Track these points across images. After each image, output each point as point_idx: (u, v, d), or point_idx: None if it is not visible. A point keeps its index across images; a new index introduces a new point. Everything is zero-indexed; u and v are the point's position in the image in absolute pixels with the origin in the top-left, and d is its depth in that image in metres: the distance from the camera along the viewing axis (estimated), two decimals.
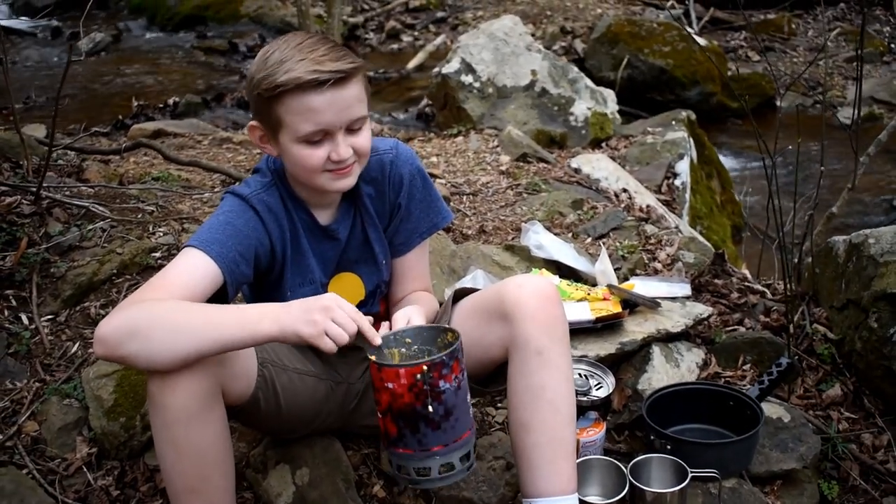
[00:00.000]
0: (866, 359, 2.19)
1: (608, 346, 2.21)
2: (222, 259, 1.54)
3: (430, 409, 1.45)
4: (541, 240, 2.72)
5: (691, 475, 1.82)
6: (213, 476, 1.54)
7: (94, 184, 2.90)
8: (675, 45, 6.21)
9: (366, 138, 1.63)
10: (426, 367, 1.43)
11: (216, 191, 3.07)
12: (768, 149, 2.31)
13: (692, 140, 4.30)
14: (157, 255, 2.48)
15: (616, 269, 2.62)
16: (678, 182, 3.94)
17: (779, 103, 3.64)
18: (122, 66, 6.87)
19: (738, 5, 7.62)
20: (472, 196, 3.29)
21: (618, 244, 2.87)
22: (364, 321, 1.46)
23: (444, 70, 4.51)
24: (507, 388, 1.67)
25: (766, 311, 2.55)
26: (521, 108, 4.38)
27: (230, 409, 1.58)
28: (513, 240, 2.87)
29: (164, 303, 1.45)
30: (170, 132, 4.20)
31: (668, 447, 1.91)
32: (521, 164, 3.67)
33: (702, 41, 6.26)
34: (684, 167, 4.01)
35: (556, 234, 2.90)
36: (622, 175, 3.66)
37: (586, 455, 1.90)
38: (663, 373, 2.21)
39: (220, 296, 1.56)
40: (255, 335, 1.44)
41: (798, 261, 2.53)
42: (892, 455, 2.11)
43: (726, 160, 5.29)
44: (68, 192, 2.75)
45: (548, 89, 4.46)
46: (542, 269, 2.59)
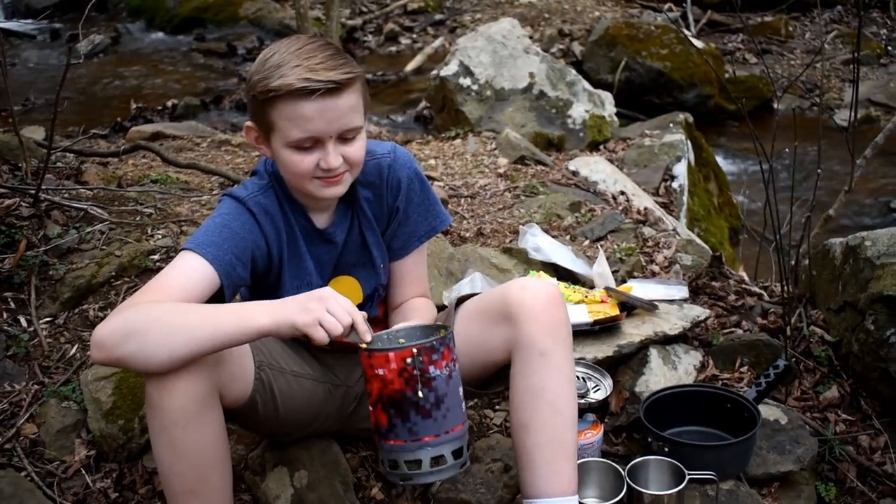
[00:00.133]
0: (863, 361, 2.19)
1: (606, 349, 2.22)
2: (218, 262, 1.55)
3: (420, 394, 1.46)
4: (538, 242, 2.72)
5: (689, 477, 1.82)
6: (211, 478, 1.54)
7: (92, 186, 2.91)
8: (673, 47, 6.22)
9: (358, 148, 1.62)
10: (416, 351, 1.45)
11: (215, 193, 3.08)
12: (765, 151, 2.31)
13: (690, 142, 4.30)
14: (156, 257, 2.48)
15: (613, 272, 2.62)
16: (676, 184, 3.94)
17: (776, 106, 3.64)
18: (121, 68, 6.87)
19: (735, 8, 7.64)
20: (469, 199, 3.29)
21: (615, 247, 2.87)
22: (358, 316, 1.47)
23: (442, 73, 4.52)
24: (509, 388, 1.67)
25: (764, 314, 2.56)
26: (518, 110, 4.38)
27: (228, 411, 1.59)
28: (510, 242, 2.87)
29: (159, 304, 1.45)
30: (168, 134, 4.20)
31: (666, 449, 1.92)
32: (519, 166, 3.67)
33: (699, 44, 6.27)
34: (682, 170, 4.01)
35: (554, 236, 2.90)
36: (620, 177, 3.66)
37: (584, 457, 1.91)
38: (661, 375, 2.21)
39: (217, 299, 1.56)
40: (249, 327, 1.44)
41: (795, 263, 2.54)
42: (890, 457, 2.11)
43: (723, 162, 5.30)
44: (67, 195, 2.75)
45: (546, 92, 4.46)
46: (540, 272, 2.59)
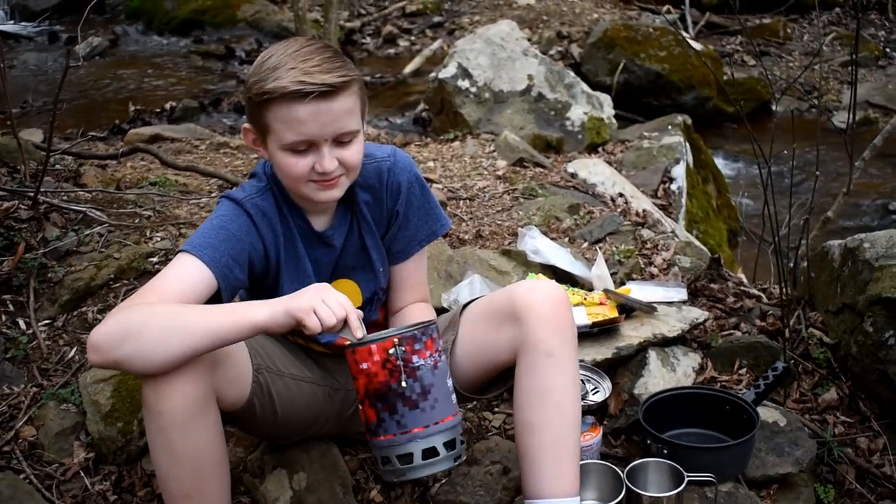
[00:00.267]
0: (862, 363, 2.20)
1: (605, 351, 2.22)
2: (215, 264, 1.54)
3: (405, 384, 1.46)
4: (537, 244, 2.72)
5: (688, 479, 1.82)
6: (209, 481, 1.54)
7: (91, 188, 2.90)
8: (671, 49, 6.22)
9: (355, 152, 1.61)
10: (397, 340, 1.45)
11: (213, 195, 3.07)
12: (764, 153, 2.31)
13: (688, 144, 4.30)
14: (155, 259, 2.48)
15: (612, 274, 2.62)
16: (674, 186, 3.94)
17: (774, 108, 3.65)
18: (119, 70, 6.86)
19: (733, 10, 7.65)
20: (468, 201, 3.29)
21: (614, 249, 2.87)
22: (353, 312, 1.47)
23: (441, 75, 4.52)
24: (514, 389, 1.67)
25: (762, 316, 2.56)
26: (517, 112, 4.38)
27: (227, 414, 1.59)
28: (509, 244, 2.87)
29: (155, 306, 1.45)
30: (167, 137, 4.20)
31: (665, 451, 1.92)
32: (518, 168, 3.67)
33: (698, 46, 6.27)
34: (680, 172, 4.01)
35: (553, 238, 2.90)
36: (618, 180, 3.66)
37: (583, 459, 1.90)
38: (659, 377, 2.21)
39: (215, 302, 1.56)
40: (245, 322, 1.44)
41: (794, 265, 2.54)
42: (888, 458, 2.12)
43: (722, 164, 5.30)
44: (65, 197, 2.75)
45: (544, 94, 4.46)
46: (539, 274, 2.59)
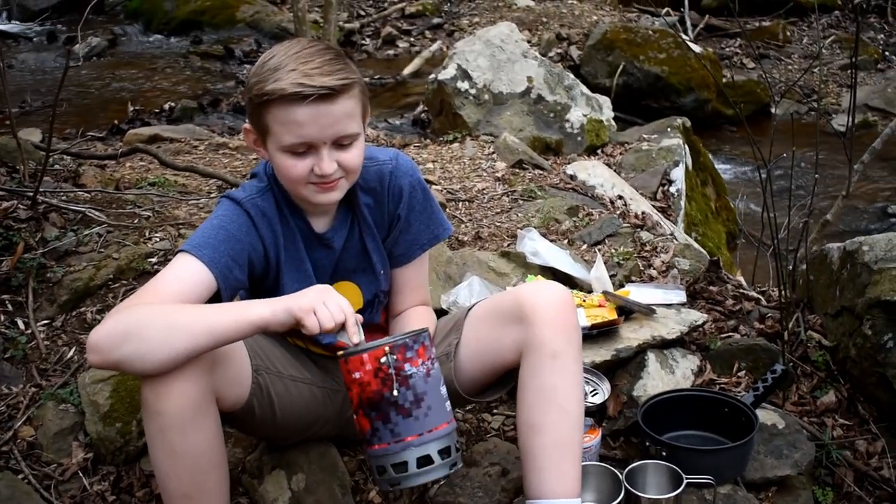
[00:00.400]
0: (860, 366, 2.20)
1: (604, 353, 2.22)
2: (215, 264, 1.54)
3: (397, 392, 1.45)
4: (536, 246, 2.72)
5: (686, 481, 1.82)
6: (208, 482, 1.54)
7: (90, 189, 2.90)
8: (671, 52, 6.23)
9: (355, 155, 1.61)
10: (388, 349, 1.45)
11: (212, 196, 3.07)
12: (763, 156, 2.31)
13: (687, 147, 4.30)
14: (154, 260, 2.48)
15: (611, 276, 2.62)
16: (673, 189, 3.94)
17: (773, 110, 3.65)
18: (118, 70, 6.86)
19: (732, 12, 7.66)
20: (467, 202, 3.30)
21: (613, 251, 2.87)
22: (352, 317, 1.47)
23: (441, 76, 4.52)
24: (518, 389, 1.67)
25: (761, 318, 2.56)
26: (516, 114, 4.39)
27: (226, 415, 1.59)
28: (509, 246, 2.87)
29: (154, 306, 1.45)
30: (166, 137, 4.19)
31: (664, 453, 1.92)
32: (517, 170, 3.67)
33: (697, 48, 6.29)
34: (679, 174, 4.01)
35: (552, 240, 2.90)
36: (618, 182, 3.66)
37: (582, 461, 1.90)
38: (658, 379, 2.21)
39: (215, 302, 1.56)
40: (246, 320, 1.44)
41: (793, 268, 2.54)
42: (887, 461, 2.11)
43: (721, 167, 5.30)
44: (65, 197, 2.74)
45: (543, 96, 4.47)
46: (538, 276, 2.59)
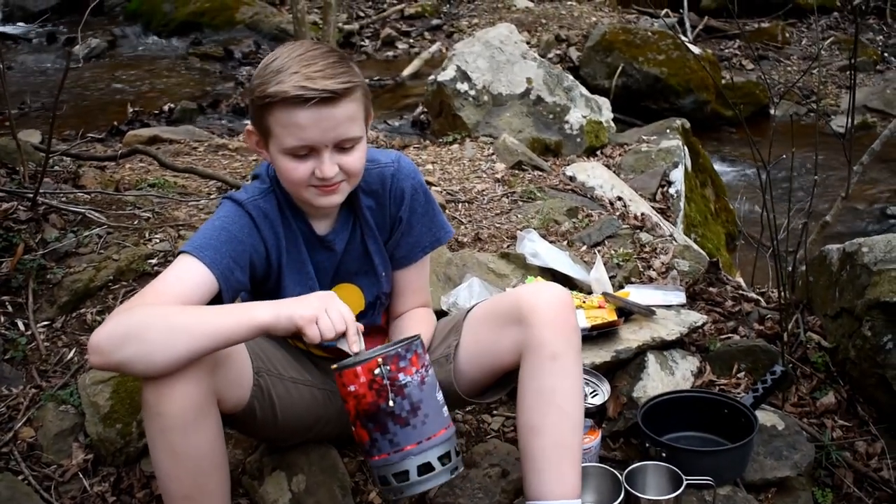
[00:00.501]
0: (860, 367, 2.20)
1: (603, 354, 2.22)
2: (216, 265, 1.54)
3: (393, 403, 1.45)
4: (536, 248, 2.72)
5: (686, 483, 1.83)
6: (209, 483, 1.54)
7: (90, 190, 2.90)
8: (670, 53, 6.24)
9: (356, 159, 1.61)
10: (381, 360, 1.44)
11: (213, 197, 3.07)
12: (762, 157, 2.32)
13: (686, 148, 4.31)
14: (154, 261, 2.48)
15: (611, 277, 2.63)
16: (672, 190, 3.94)
17: (773, 112, 3.65)
18: (118, 72, 6.86)
19: (732, 14, 7.67)
20: (467, 204, 3.30)
21: (612, 252, 2.88)
22: (353, 325, 1.47)
23: (440, 78, 4.52)
24: (517, 391, 1.67)
25: (761, 320, 2.56)
26: (516, 115, 4.39)
27: (227, 416, 1.59)
28: (508, 248, 2.87)
29: (156, 307, 1.45)
30: (165, 138, 4.20)
31: (664, 455, 1.92)
32: (517, 171, 3.68)
33: (696, 50, 6.30)
34: (679, 175, 4.02)
35: (552, 242, 2.90)
36: (617, 183, 3.67)
37: (582, 462, 1.91)
38: (658, 381, 2.21)
39: (216, 304, 1.56)
40: (249, 322, 1.43)
41: (792, 269, 2.54)
42: (886, 462, 2.12)
43: (720, 168, 5.31)
44: (64, 199, 2.75)
45: (543, 97, 4.47)
46: (538, 277, 2.60)
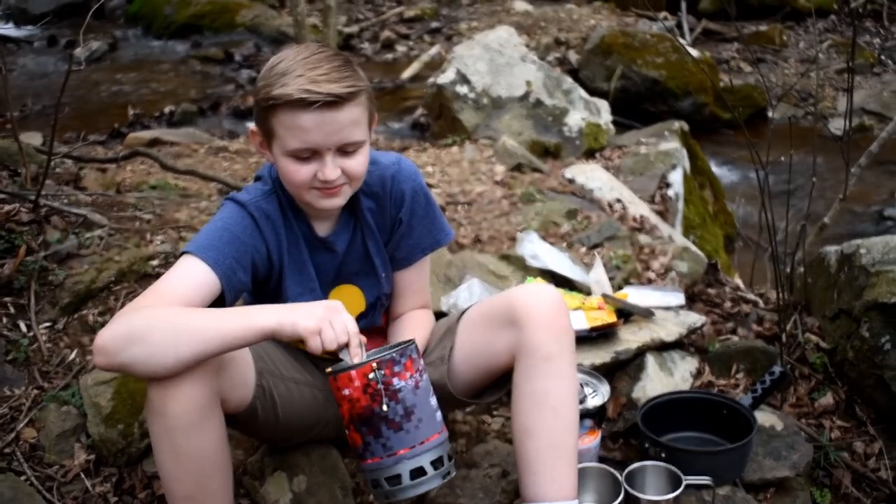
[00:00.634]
0: (858, 368, 2.21)
1: (603, 355, 2.23)
2: (219, 266, 1.55)
3: (387, 407, 1.45)
4: (536, 249, 2.73)
5: (685, 483, 1.83)
6: (212, 483, 1.55)
7: (91, 192, 2.91)
8: (668, 56, 6.25)
9: (359, 162, 1.62)
10: (376, 365, 1.44)
11: (213, 199, 3.08)
12: (760, 159, 2.33)
13: (685, 150, 4.32)
14: (155, 263, 2.49)
15: (610, 279, 2.64)
16: (671, 192, 3.96)
17: (771, 114, 3.67)
18: (118, 74, 6.87)
19: (730, 17, 7.69)
20: (467, 206, 3.31)
21: (612, 254, 2.89)
22: (355, 337, 1.46)
23: (440, 80, 4.53)
24: (512, 393, 1.68)
25: (759, 321, 2.57)
26: (515, 118, 4.40)
27: (228, 417, 1.59)
28: (508, 249, 2.88)
29: (161, 308, 1.46)
30: (166, 141, 4.22)
31: (663, 455, 1.93)
32: (516, 174, 3.69)
33: (694, 52, 6.30)
34: (677, 177, 4.03)
35: (551, 243, 2.91)
36: (616, 185, 3.68)
37: (582, 463, 1.91)
38: (657, 381, 2.22)
39: (218, 305, 1.56)
40: (254, 327, 1.43)
41: (790, 270, 2.55)
42: (884, 463, 2.13)
43: (718, 170, 5.32)
44: (66, 201, 2.76)
45: (542, 100, 4.48)
46: (538, 278, 2.60)
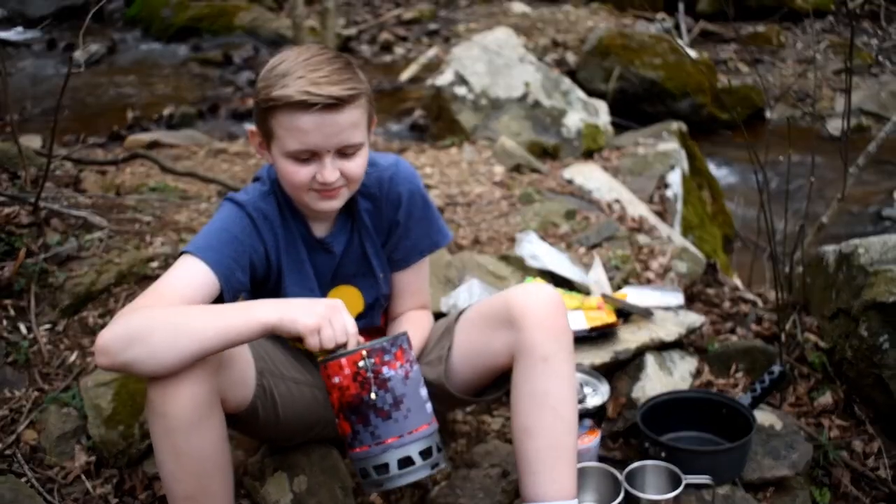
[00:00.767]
0: (857, 367, 2.22)
1: (603, 355, 2.24)
2: (218, 266, 1.55)
3: (375, 395, 1.46)
4: (535, 250, 2.74)
5: (685, 482, 1.84)
6: (212, 484, 1.55)
7: (91, 194, 2.92)
8: (666, 57, 6.26)
9: (358, 164, 1.62)
10: (366, 353, 1.46)
11: (213, 201, 3.09)
12: (759, 160, 2.33)
13: (683, 151, 4.33)
14: (155, 264, 2.49)
15: (609, 279, 2.64)
16: (670, 193, 3.96)
17: (768, 115, 3.67)
18: (117, 77, 6.88)
19: (727, 18, 7.70)
20: (466, 207, 3.32)
21: (611, 254, 2.89)
22: (354, 340, 1.47)
23: (438, 82, 4.54)
24: (511, 393, 1.68)
25: (758, 320, 2.58)
26: (514, 119, 4.41)
27: (228, 417, 1.59)
28: (507, 250, 2.89)
29: (161, 308, 1.46)
30: (165, 143, 4.23)
31: (663, 454, 1.93)
32: (515, 174, 3.69)
33: (692, 53, 6.31)
34: (676, 178, 4.04)
35: (550, 244, 2.92)
36: (614, 186, 3.68)
37: (582, 462, 1.92)
38: (657, 381, 2.23)
39: (217, 304, 1.57)
40: (255, 322, 1.44)
41: (789, 270, 2.56)
42: (883, 462, 2.13)
43: (717, 171, 5.33)
44: (66, 203, 2.75)
45: (541, 101, 4.49)
46: (537, 278, 2.61)
